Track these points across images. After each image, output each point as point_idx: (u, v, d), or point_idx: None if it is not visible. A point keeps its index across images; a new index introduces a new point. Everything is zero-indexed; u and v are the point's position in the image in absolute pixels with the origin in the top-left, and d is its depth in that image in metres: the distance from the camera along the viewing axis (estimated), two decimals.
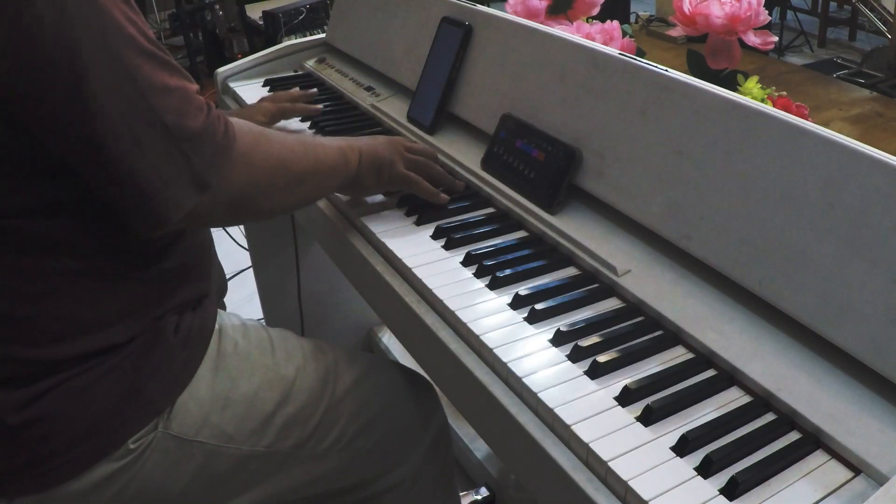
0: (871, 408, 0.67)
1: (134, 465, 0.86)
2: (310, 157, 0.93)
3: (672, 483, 0.64)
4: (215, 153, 0.78)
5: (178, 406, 0.89)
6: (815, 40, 4.78)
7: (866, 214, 0.70)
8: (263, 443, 0.94)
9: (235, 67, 1.63)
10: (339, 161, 0.98)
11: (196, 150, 0.76)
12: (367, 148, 1.02)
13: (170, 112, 0.75)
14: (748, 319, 0.78)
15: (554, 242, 0.97)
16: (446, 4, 1.28)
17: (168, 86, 0.75)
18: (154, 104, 0.74)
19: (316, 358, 1.03)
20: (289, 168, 0.90)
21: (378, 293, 1.00)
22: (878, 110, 1.79)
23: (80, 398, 0.82)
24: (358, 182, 1.01)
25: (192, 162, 0.76)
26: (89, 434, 0.82)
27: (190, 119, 0.76)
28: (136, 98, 0.73)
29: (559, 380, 0.75)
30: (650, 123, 0.91)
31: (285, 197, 0.92)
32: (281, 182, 0.89)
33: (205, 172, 0.77)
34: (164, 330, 0.88)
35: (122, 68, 0.72)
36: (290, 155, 0.90)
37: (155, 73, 0.74)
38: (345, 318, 1.88)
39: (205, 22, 4.31)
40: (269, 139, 0.88)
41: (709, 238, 0.83)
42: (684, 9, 1.26)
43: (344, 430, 1.01)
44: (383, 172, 1.03)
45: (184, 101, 0.76)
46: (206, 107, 0.79)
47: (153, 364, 0.87)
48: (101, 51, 0.71)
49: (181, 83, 0.77)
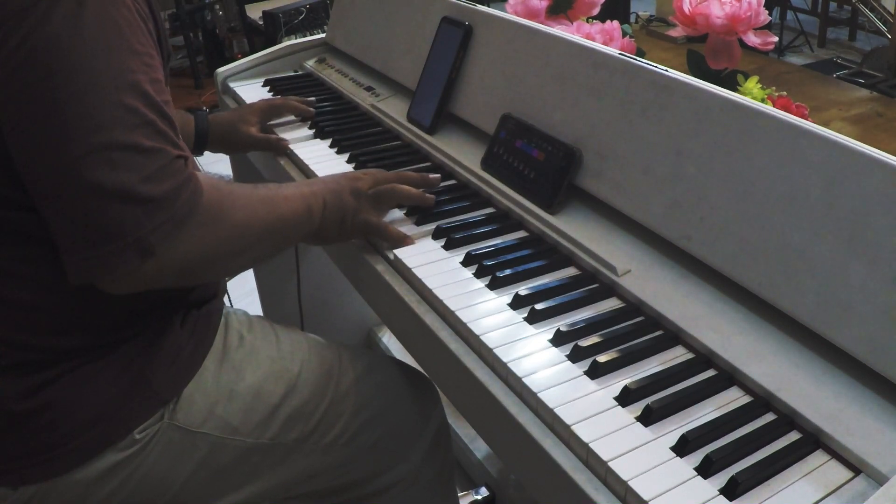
0: (871, 408, 0.67)
1: (139, 455, 0.86)
2: (271, 217, 0.89)
3: (672, 483, 0.64)
4: (169, 222, 0.75)
5: (183, 397, 0.90)
6: (815, 40, 4.78)
7: (866, 214, 0.70)
8: (268, 435, 0.95)
9: (235, 67, 1.63)
10: (302, 212, 0.93)
11: (149, 215, 0.74)
12: (332, 195, 0.97)
13: (131, 172, 0.73)
14: (748, 319, 0.78)
15: (554, 242, 0.97)
16: (446, 4, 1.28)
17: (139, 145, 0.73)
18: (116, 159, 0.72)
19: (320, 353, 1.04)
20: (248, 233, 0.86)
21: (378, 293, 1.00)
22: (878, 110, 1.79)
23: (86, 387, 0.83)
24: (320, 234, 0.97)
25: (141, 226, 0.73)
26: (95, 423, 0.83)
27: (151, 183, 0.74)
28: (99, 149, 0.71)
29: (559, 380, 0.75)
30: (650, 123, 0.91)
31: (240, 261, 0.89)
32: (237, 247, 0.86)
33: (152, 238, 0.74)
34: (171, 322, 0.89)
35: (92, 117, 0.72)
36: (251, 219, 0.86)
37: (128, 129, 0.73)
38: (345, 318, 1.88)
39: (205, 22, 4.31)
40: (234, 203, 0.84)
41: (709, 238, 0.83)
42: (684, 9, 1.26)
43: (347, 426, 1.02)
44: (346, 221, 0.98)
45: (152, 163, 0.74)
46: (182, 177, 0.77)
47: (160, 355, 0.88)
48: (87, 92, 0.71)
49: (159, 146, 0.75)
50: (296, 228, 0.93)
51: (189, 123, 1.28)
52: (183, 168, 0.77)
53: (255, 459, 0.95)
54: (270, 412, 0.95)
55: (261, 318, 1.06)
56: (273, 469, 0.97)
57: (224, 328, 0.98)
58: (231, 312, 1.03)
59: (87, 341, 0.84)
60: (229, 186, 0.86)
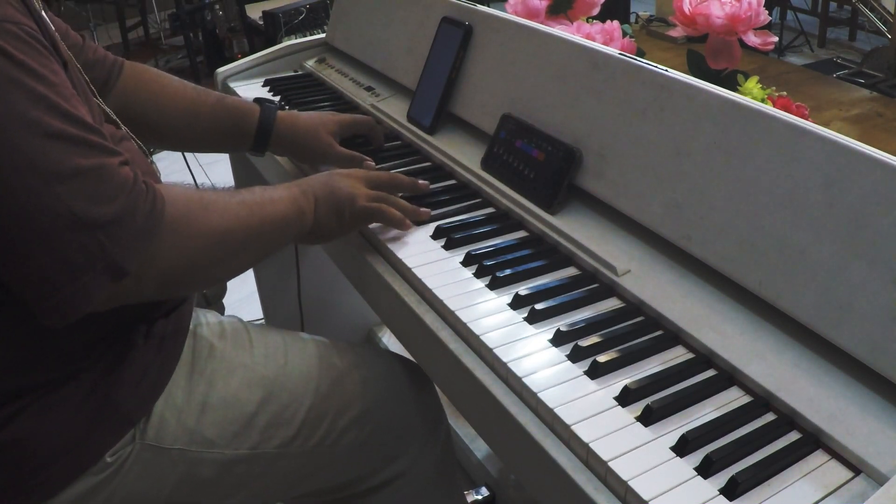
0: (871, 408, 0.67)
1: (114, 478, 0.85)
2: (254, 220, 0.86)
3: (672, 483, 0.64)
4: (134, 237, 0.73)
5: (154, 415, 0.88)
6: (815, 40, 4.78)
7: (866, 214, 0.70)
8: (247, 445, 0.93)
9: (235, 67, 1.63)
10: (292, 213, 0.90)
11: (111, 236, 0.71)
12: (323, 189, 0.94)
13: (79, 199, 0.70)
14: (748, 319, 0.78)
15: (554, 242, 0.97)
16: (446, 4, 1.28)
17: (79, 168, 0.70)
18: (60, 193, 0.69)
19: (298, 353, 1.01)
20: (228, 238, 0.83)
21: (378, 293, 1.00)
22: (878, 110, 1.79)
23: (51, 417, 0.81)
24: (317, 231, 0.94)
25: (106, 249, 0.71)
26: (65, 452, 0.81)
27: (103, 204, 0.71)
28: (40, 188, 0.68)
29: (559, 380, 0.75)
30: (650, 123, 0.91)
31: (226, 267, 0.86)
32: (219, 254, 0.83)
33: (120, 259, 0.72)
34: (132, 341, 0.86)
35: (22, 158, 0.68)
36: (230, 223, 0.83)
37: (64, 156, 0.70)
38: (345, 318, 1.88)
39: (205, 22, 4.31)
40: (206, 209, 0.82)
41: (709, 238, 0.83)
42: (684, 9, 1.26)
43: (332, 426, 0.99)
44: (344, 213, 0.95)
45: (97, 182, 0.71)
46: (129, 182, 0.74)
47: (125, 376, 0.86)
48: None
49: (98, 161, 0.72)
50: (285, 229, 0.91)
51: (250, 115, 1.16)
52: (129, 175, 0.74)
53: (239, 470, 0.93)
54: (247, 421, 0.93)
55: (234, 322, 1.03)
56: (261, 477, 0.95)
57: (192, 338, 0.95)
58: (201, 321, 0.99)
59: (47, 376, 0.81)
60: (200, 194, 0.84)
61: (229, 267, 0.87)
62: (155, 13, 5.30)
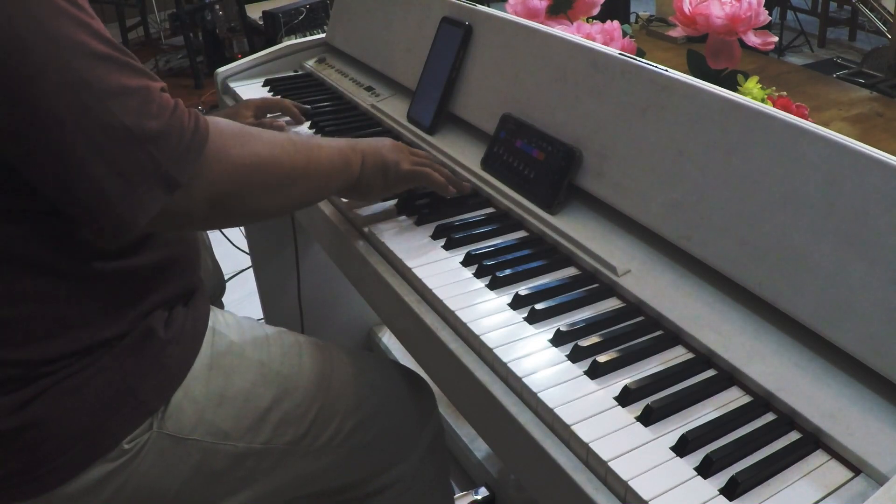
0: (871, 408, 0.67)
1: (129, 465, 0.86)
2: (301, 156, 0.90)
3: (672, 483, 0.64)
4: (184, 150, 0.76)
5: (172, 405, 0.89)
6: (815, 40, 4.78)
7: (866, 214, 0.70)
8: (259, 439, 0.94)
9: (235, 67, 1.63)
10: (339, 162, 0.95)
11: (161, 149, 0.74)
12: (371, 150, 1.00)
13: (129, 114, 0.73)
14: (748, 319, 0.78)
15: (554, 242, 0.97)
16: (446, 4, 1.28)
17: (127, 87, 0.73)
18: (111, 107, 0.72)
19: (312, 355, 1.04)
20: (276, 167, 0.86)
21: (378, 293, 1.00)
22: (878, 110, 1.79)
23: (71, 401, 0.82)
24: (361, 185, 0.99)
25: (158, 161, 0.74)
26: (82, 436, 0.82)
27: (152, 119, 0.74)
28: (93, 103, 0.71)
29: (559, 380, 0.75)
30: (650, 123, 0.91)
31: (275, 198, 0.88)
32: (271, 181, 0.86)
33: (173, 170, 0.75)
34: (153, 328, 0.88)
35: (74, 75, 0.70)
36: (277, 153, 0.87)
37: (111, 75, 0.72)
38: (345, 318, 1.88)
39: (205, 22, 4.30)
40: (251, 136, 0.86)
41: (709, 238, 0.83)
42: (684, 9, 1.26)
43: (340, 427, 1.01)
44: (389, 173, 1.00)
45: (145, 100, 0.74)
46: (171, 104, 0.77)
47: (145, 364, 0.87)
48: (50, 61, 0.69)
49: (142, 82, 0.75)
50: (332, 175, 0.95)
51: None
52: (169, 98, 0.77)
53: (249, 464, 0.94)
54: (261, 416, 0.95)
55: (250, 321, 1.05)
56: (268, 473, 0.97)
57: (212, 333, 0.96)
58: (219, 316, 1.01)
59: (64, 349, 0.82)
60: (243, 126, 0.87)
61: (276, 200, 0.89)
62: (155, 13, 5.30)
